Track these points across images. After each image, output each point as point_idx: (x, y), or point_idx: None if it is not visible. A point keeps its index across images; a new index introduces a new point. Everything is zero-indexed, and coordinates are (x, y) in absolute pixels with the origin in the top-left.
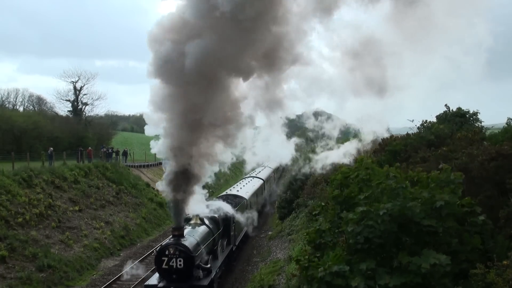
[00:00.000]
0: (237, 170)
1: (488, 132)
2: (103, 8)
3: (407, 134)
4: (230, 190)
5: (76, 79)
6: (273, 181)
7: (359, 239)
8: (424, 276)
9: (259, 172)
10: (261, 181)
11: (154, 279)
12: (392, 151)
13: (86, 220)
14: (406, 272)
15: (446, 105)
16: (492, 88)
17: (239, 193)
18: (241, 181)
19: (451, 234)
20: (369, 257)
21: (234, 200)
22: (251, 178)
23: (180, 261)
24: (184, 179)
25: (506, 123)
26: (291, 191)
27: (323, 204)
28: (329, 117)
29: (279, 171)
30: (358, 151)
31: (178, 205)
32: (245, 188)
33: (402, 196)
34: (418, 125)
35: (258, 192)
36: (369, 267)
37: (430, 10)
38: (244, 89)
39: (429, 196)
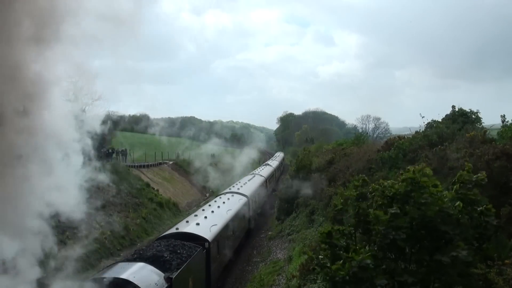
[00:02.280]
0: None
1: (488, 132)
2: None
3: (416, 132)
4: (187, 222)
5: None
6: (265, 194)
7: (386, 240)
8: (444, 270)
9: (244, 184)
10: (244, 199)
11: None
12: (399, 148)
13: (86, 220)
14: (425, 267)
15: (453, 106)
16: (492, 88)
17: (197, 231)
18: (213, 202)
19: (464, 239)
20: (391, 256)
21: (181, 250)
22: (231, 195)
23: None
24: None
25: (502, 121)
26: (291, 191)
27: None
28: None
29: (275, 178)
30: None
31: None
32: (212, 218)
33: (429, 201)
34: (424, 124)
35: (235, 220)
36: (391, 267)
37: None
38: None
39: (457, 202)
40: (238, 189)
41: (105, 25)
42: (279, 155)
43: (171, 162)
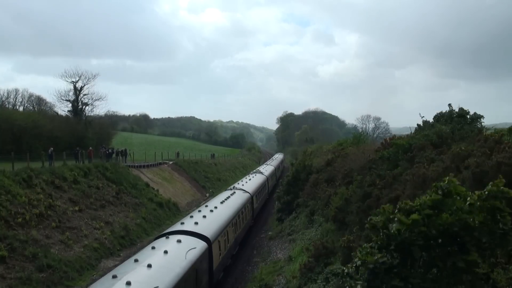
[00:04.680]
0: (237, 170)
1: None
2: (98, 5)
3: (414, 132)
4: None
5: (77, 79)
6: (250, 218)
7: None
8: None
9: (211, 211)
10: (201, 247)
11: None
12: (396, 146)
13: (86, 220)
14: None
15: (449, 104)
16: (492, 88)
17: None
18: (129, 264)
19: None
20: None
21: None
22: (177, 242)
23: None
24: None
25: None
26: (290, 192)
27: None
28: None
29: (267, 190)
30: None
31: None
32: None
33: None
34: (419, 124)
35: None
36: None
37: None
38: None
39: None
40: (197, 223)
41: None
42: (278, 157)
43: (171, 162)
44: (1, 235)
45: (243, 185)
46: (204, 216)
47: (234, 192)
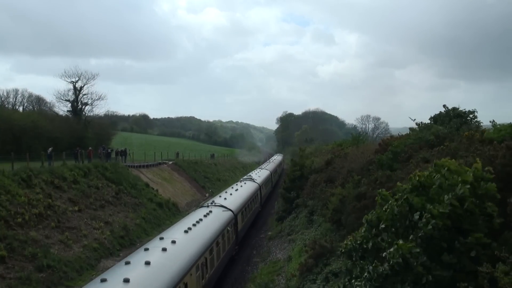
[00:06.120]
0: (237, 170)
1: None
2: (96, 4)
3: (407, 134)
4: None
5: (76, 79)
6: (230, 246)
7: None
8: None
9: (164, 251)
10: None
11: None
12: (393, 151)
13: (86, 220)
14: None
15: (444, 105)
16: (492, 88)
17: None
18: None
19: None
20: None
21: None
22: None
23: None
24: None
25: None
26: (290, 192)
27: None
28: None
29: (259, 200)
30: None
31: None
32: None
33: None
34: (415, 126)
35: None
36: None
37: None
38: None
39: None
40: (127, 281)
41: None
42: (276, 159)
43: (170, 162)
44: (0, 235)
45: (225, 198)
46: (147, 263)
47: (210, 211)
